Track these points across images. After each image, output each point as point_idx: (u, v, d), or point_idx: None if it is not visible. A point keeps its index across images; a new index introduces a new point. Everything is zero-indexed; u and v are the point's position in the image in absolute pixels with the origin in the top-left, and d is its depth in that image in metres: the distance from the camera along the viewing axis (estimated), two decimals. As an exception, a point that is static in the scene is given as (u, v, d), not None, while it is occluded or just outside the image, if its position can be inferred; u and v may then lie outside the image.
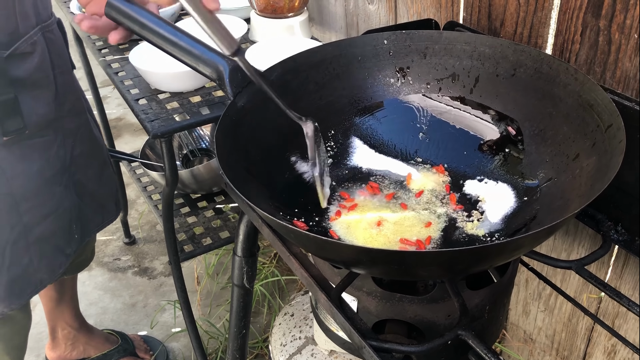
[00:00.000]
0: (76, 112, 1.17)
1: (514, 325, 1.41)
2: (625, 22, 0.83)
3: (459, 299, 0.76)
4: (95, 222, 1.29)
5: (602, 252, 0.82)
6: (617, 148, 0.73)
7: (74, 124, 1.16)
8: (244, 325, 1.18)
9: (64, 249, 1.19)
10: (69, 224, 1.18)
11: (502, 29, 1.05)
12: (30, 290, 1.16)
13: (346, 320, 0.73)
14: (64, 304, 1.62)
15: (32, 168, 1.08)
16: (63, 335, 1.67)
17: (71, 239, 1.20)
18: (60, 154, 1.13)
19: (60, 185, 1.14)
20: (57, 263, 1.19)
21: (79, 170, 1.19)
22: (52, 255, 1.16)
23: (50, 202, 1.12)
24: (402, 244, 0.81)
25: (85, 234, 1.26)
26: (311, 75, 1.00)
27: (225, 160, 0.78)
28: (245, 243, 1.07)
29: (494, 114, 0.97)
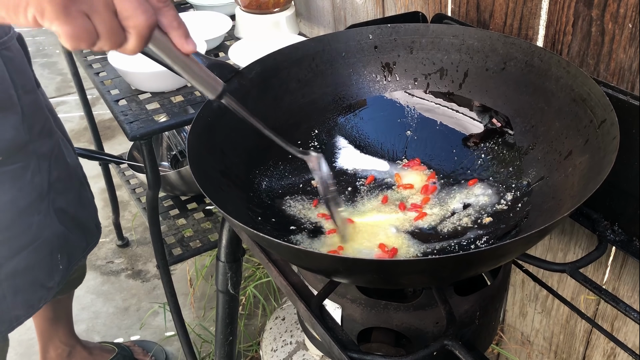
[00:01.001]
0: (47, 133, 1.08)
1: (511, 327, 1.37)
2: (619, 11, 0.79)
3: (445, 306, 0.73)
4: (80, 248, 1.21)
5: (597, 254, 0.77)
6: (610, 145, 0.69)
7: (47, 146, 1.07)
8: (230, 332, 1.15)
9: (44, 282, 1.10)
10: (50, 256, 1.10)
11: (492, 20, 1.01)
12: (4, 327, 1.07)
13: (326, 331, 0.69)
14: (60, 324, 1.57)
15: (3, 199, 0.99)
16: (57, 354, 1.61)
17: (54, 271, 1.12)
18: (36, 181, 1.04)
19: (38, 214, 1.05)
20: (36, 298, 1.10)
21: (58, 196, 1.11)
22: (29, 290, 1.08)
23: (26, 234, 1.04)
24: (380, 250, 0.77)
25: (71, 262, 1.17)
26: (293, 73, 0.96)
27: (197, 164, 0.74)
28: (229, 248, 1.03)
29: (483, 109, 0.93)
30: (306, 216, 0.86)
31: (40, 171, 1.05)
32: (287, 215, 0.85)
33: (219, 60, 0.88)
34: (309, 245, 0.79)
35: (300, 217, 0.85)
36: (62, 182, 1.11)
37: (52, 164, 1.08)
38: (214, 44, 1.36)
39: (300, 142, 0.95)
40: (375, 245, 0.78)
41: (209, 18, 1.44)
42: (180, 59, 0.64)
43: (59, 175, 1.10)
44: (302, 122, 0.97)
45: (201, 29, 1.40)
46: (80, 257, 1.21)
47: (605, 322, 1.08)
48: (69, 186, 1.14)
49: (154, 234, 1.33)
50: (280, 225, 0.83)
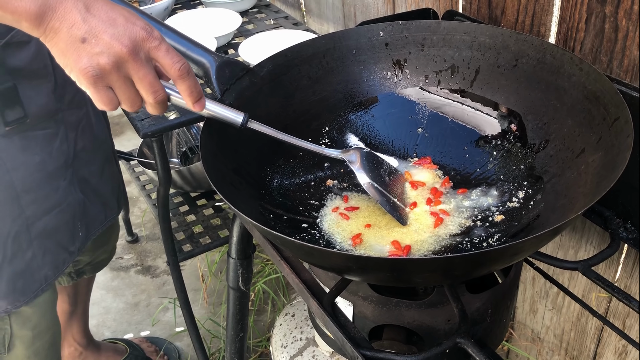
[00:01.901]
0: (77, 105, 1.14)
1: (521, 324, 1.37)
2: (633, 8, 0.78)
3: (458, 304, 0.73)
4: (99, 220, 1.27)
5: (610, 251, 0.77)
6: (624, 143, 0.68)
7: (75, 116, 1.14)
8: (241, 328, 1.15)
9: (67, 245, 1.16)
10: (73, 221, 1.16)
11: (503, 17, 1.00)
12: (35, 287, 1.13)
13: (338, 328, 0.69)
14: (75, 318, 1.58)
15: (34, 160, 1.06)
16: (69, 353, 1.63)
17: (75, 236, 1.18)
18: (64, 149, 1.10)
19: (64, 180, 1.11)
20: (61, 259, 1.16)
21: (82, 166, 1.17)
22: (55, 251, 1.14)
23: (54, 197, 1.10)
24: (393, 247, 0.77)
25: (89, 231, 1.23)
26: (304, 70, 0.96)
27: (210, 161, 0.74)
28: (240, 245, 1.03)
29: (495, 107, 0.92)
30: (318, 213, 0.86)
31: (67, 140, 1.11)
32: (299, 212, 0.86)
33: (230, 59, 0.88)
34: (320, 242, 0.79)
35: (313, 214, 0.86)
36: (86, 153, 1.17)
37: (78, 135, 1.14)
38: (223, 40, 1.36)
39: (311, 139, 0.95)
40: (389, 242, 0.78)
41: (219, 15, 1.44)
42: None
43: (84, 146, 1.15)
44: (313, 120, 0.97)
45: (211, 26, 1.41)
46: (99, 228, 1.26)
47: (617, 320, 1.08)
48: (92, 158, 1.19)
49: (164, 231, 1.34)
50: (291, 223, 0.83)
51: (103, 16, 0.65)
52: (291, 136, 0.82)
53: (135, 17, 0.67)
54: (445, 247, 0.78)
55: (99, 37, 0.65)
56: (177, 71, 0.69)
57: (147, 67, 0.67)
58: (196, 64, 0.86)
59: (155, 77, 0.69)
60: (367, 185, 0.83)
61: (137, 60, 0.66)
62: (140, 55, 0.66)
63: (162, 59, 0.68)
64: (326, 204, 0.87)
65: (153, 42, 0.67)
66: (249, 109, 0.88)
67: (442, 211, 0.84)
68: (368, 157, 0.86)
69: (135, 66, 0.66)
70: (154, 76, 0.68)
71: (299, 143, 0.83)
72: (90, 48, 0.64)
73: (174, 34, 0.86)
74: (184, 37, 0.87)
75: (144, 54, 0.67)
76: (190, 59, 0.86)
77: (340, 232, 0.81)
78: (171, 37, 0.86)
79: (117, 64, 0.65)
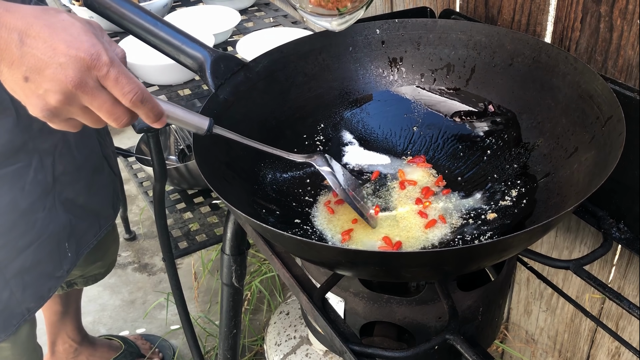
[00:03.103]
0: (49, 131, 1.02)
1: (516, 325, 1.36)
2: (628, 7, 0.78)
3: (448, 301, 0.73)
4: (92, 233, 1.18)
5: (602, 251, 0.77)
6: (616, 141, 0.68)
7: (49, 143, 1.03)
8: (234, 325, 1.15)
9: (53, 272, 1.09)
10: (58, 247, 1.08)
11: (500, 16, 1.01)
12: (15, 320, 1.07)
13: (328, 323, 0.69)
14: (68, 317, 1.57)
15: (2, 202, 0.97)
16: (64, 349, 1.62)
17: (63, 260, 1.10)
18: (40, 178, 1.01)
19: (43, 210, 1.03)
20: (45, 289, 1.09)
21: (65, 188, 1.08)
22: (38, 283, 1.07)
23: (30, 233, 1.02)
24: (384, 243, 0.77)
25: (81, 248, 1.15)
26: (299, 67, 0.96)
27: (202, 156, 0.74)
28: (234, 241, 1.03)
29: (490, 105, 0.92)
30: (311, 209, 0.86)
31: (44, 167, 1.02)
32: (292, 208, 0.86)
33: (226, 53, 0.88)
34: (312, 237, 0.79)
35: (305, 210, 0.85)
36: (69, 175, 1.08)
37: (56, 159, 1.05)
38: (221, 38, 1.37)
39: (305, 135, 0.95)
40: (379, 238, 0.78)
41: (218, 12, 1.44)
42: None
43: (64, 168, 1.07)
44: (308, 116, 0.97)
45: (209, 23, 1.41)
46: (93, 241, 1.19)
47: (610, 321, 1.07)
48: (77, 177, 1.11)
49: (160, 227, 1.34)
50: (284, 218, 0.83)
51: (41, 47, 0.58)
52: (256, 142, 0.78)
53: (80, 39, 0.60)
54: (436, 244, 0.78)
55: (41, 74, 0.58)
56: (129, 102, 0.63)
57: (100, 95, 0.61)
58: (191, 58, 0.86)
59: (113, 104, 0.63)
60: (339, 190, 0.81)
61: (86, 91, 0.60)
62: (90, 84, 0.60)
63: (113, 89, 0.62)
64: (318, 200, 0.87)
65: (101, 70, 0.60)
66: (243, 104, 0.89)
67: (431, 209, 0.83)
68: (332, 162, 0.83)
69: (88, 98, 0.61)
70: (111, 103, 0.62)
71: (264, 149, 0.79)
72: (35, 87, 0.59)
73: (170, 28, 0.86)
74: (179, 31, 0.87)
75: (93, 82, 0.61)
76: (185, 53, 0.86)
77: (332, 227, 0.81)
78: (166, 31, 0.86)
79: (67, 100, 0.60)
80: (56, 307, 1.52)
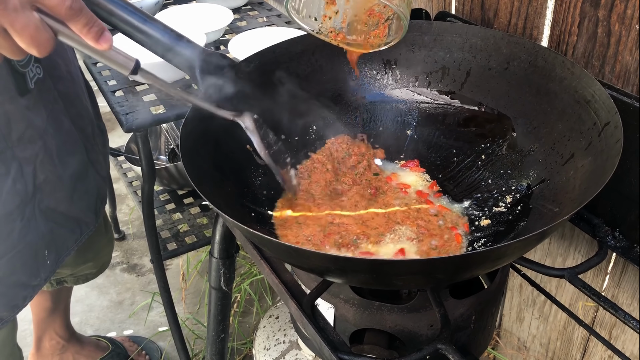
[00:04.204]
0: (29, 140, 0.97)
1: (508, 332, 1.35)
2: (626, 12, 0.77)
3: (440, 309, 0.71)
4: (72, 240, 1.13)
5: (597, 259, 0.76)
6: (613, 148, 0.67)
7: (30, 151, 0.97)
8: (222, 329, 1.13)
9: (28, 281, 1.04)
10: (34, 256, 1.03)
11: (496, 19, 0.99)
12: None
13: (317, 331, 0.67)
14: (57, 314, 1.54)
15: None
16: (51, 345, 1.59)
17: (40, 269, 1.05)
18: (18, 188, 0.96)
19: (21, 220, 0.98)
20: (20, 298, 1.05)
21: (46, 197, 1.02)
22: (11, 292, 1.03)
23: (4, 243, 0.97)
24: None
25: (61, 255, 1.11)
26: (292, 67, 0.94)
27: (190, 157, 0.72)
28: (222, 244, 1.01)
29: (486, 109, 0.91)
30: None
31: (23, 176, 0.96)
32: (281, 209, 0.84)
33: (216, 53, 0.86)
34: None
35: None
36: (50, 184, 1.03)
37: (37, 168, 0.99)
38: (214, 37, 1.35)
39: (297, 137, 0.94)
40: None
41: (210, 11, 1.42)
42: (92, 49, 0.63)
43: (46, 177, 1.01)
44: (301, 117, 0.95)
45: (201, 21, 1.39)
46: (73, 247, 1.14)
47: (603, 330, 1.06)
48: (58, 186, 1.05)
49: (148, 228, 1.32)
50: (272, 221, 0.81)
51: None
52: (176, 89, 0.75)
53: None
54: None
55: None
56: (67, 9, 0.57)
57: (23, 16, 0.55)
58: (180, 57, 0.84)
59: (38, 28, 0.56)
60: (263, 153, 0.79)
61: (7, 10, 0.54)
62: (12, 2, 0.54)
63: (45, 2, 0.56)
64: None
65: None
66: (233, 104, 0.86)
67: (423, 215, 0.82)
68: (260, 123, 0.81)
69: (9, 18, 0.54)
70: (35, 27, 0.56)
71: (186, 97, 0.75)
72: None
73: (158, 26, 0.84)
74: (168, 30, 0.84)
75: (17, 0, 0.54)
76: (174, 51, 0.83)
77: (322, 232, 0.79)
78: (156, 29, 0.84)
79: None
80: (45, 303, 1.49)
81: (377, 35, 0.82)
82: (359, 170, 0.90)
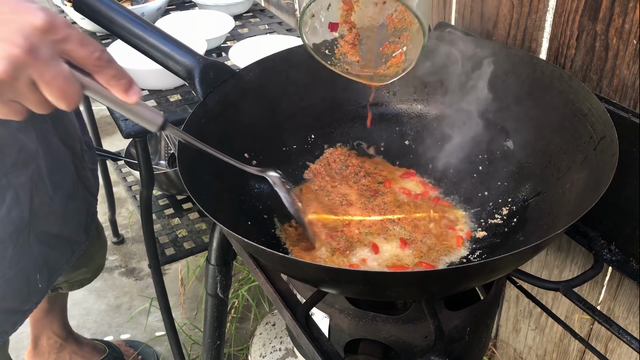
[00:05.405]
0: (23, 164, 0.94)
1: (504, 343, 1.35)
2: (624, 27, 0.77)
3: (434, 320, 0.71)
4: (64, 260, 1.10)
5: (592, 273, 0.76)
6: (609, 162, 0.67)
7: (25, 175, 0.94)
8: (218, 336, 1.13)
9: (19, 307, 1.02)
10: (27, 282, 1.00)
11: (495, 31, 0.99)
12: None
13: (310, 342, 0.67)
14: (54, 314, 1.54)
15: None
16: (48, 344, 1.59)
17: (31, 294, 1.03)
18: (13, 216, 0.93)
19: (14, 247, 0.95)
20: (10, 324, 1.03)
21: (40, 220, 0.99)
22: (1, 318, 1.01)
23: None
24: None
25: (53, 276, 1.08)
26: (291, 76, 0.95)
27: (187, 165, 0.73)
28: (219, 251, 1.01)
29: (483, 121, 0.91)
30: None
31: (19, 203, 0.93)
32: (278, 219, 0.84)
33: (216, 61, 0.87)
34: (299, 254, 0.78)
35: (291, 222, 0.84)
36: (44, 207, 1.00)
37: (33, 192, 0.96)
38: (215, 43, 1.35)
39: (295, 147, 0.94)
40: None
41: (212, 17, 1.43)
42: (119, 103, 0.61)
43: (41, 201, 0.98)
44: (299, 127, 0.95)
45: (203, 28, 1.39)
46: (65, 267, 1.11)
47: (599, 343, 1.06)
48: (52, 208, 1.02)
49: (146, 233, 1.32)
50: (270, 231, 0.81)
51: None
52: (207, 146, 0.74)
53: (28, 4, 0.52)
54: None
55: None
56: (95, 60, 0.55)
57: (53, 68, 0.53)
58: (180, 65, 0.84)
59: (67, 80, 0.54)
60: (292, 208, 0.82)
61: (38, 60, 0.52)
62: (43, 52, 0.52)
63: (74, 53, 0.54)
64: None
65: (57, 34, 0.52)
66: (232, 113, 0.87)
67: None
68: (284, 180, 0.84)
69: (38, 69, 0.52)
70: (64, 79, 0.54)
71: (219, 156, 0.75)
72: None
73: (160, 34, 0.84)
74: (168, 38, 0.85)
75: (47, 50, 0.52)
76: (174, 59, 0.84)
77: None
78: (156, 37, 0.84)
79: (14, 72, 0.51)
80: (42, 304, 1.49)
81: (393, 64, 0.82)
82: (357, 179, 0.90)
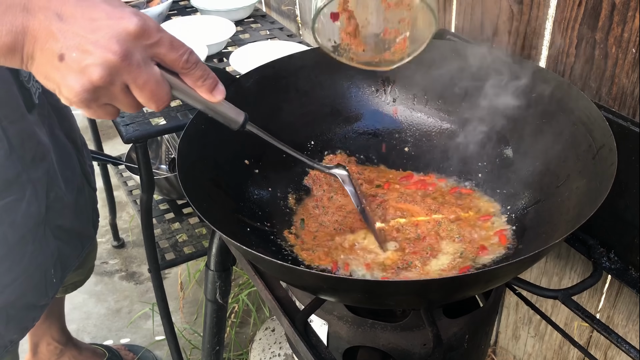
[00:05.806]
0: (40, 158, 0.96)
1: (503, 350, 1.35)
2: (623, 36, 0.77)
3: (433, 328, 0.71)
4: (75, 255, 1.12)
5: (591, 281, 0.76)
6: (607, 171, 0.67)
7: (42, 170, 0.96)
8: (217, 341, 1.13)
9: (37, 302, 1.04)
10: (44, 277, 1.02)
11: (495, 38, 1.00)
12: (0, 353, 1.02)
13: (309, 349, 0.67)
14: (52, 320, 1.54)
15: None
16: (48, 350, 1.59)
17: (48, 288, 1.04)
18: (32, 210, 0.95)
19: (33, 242, 0.97)
20: (30, 319, 1.05)
21: (55, 215, 1.01)
22: (22, 315, 1.02)
23: (17, 267, 0.96)
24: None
25: (65, 271, 1.10)
26: (291, 82, 0.95)
27: (186, 171, 0.73)
28: (219, 257, 1.01)
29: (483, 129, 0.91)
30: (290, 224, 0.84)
31: (37, 198, 0.95)
32: (277, 227, 0.84)
33: (216, 67, 0.87)
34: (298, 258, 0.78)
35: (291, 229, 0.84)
36: (59, 201, 1.02)
37: (49, 186, 0.98)
38: (216, 49, 1.35)
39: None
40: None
41: (213, 23, 1.43)
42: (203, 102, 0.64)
43: (56, 194, 1.00)
44: (299, 133, 0.95)
45: (204, 33, 1.40)
46: (76, 262, 1.14)
47: (598, 351, 1.06)
48: (65, 202, 1.04)
49: (146, 238, 1.32)
50: (269, 237, 0.81)
51: (80, 21, 0.52)
52: (285, 145, 0.78)
53: (121, 9, 0.54)
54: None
55: (81, 49, 0.52)
56: (184, 62, 0.57)
57: (146, 72, 0.55)
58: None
59: (158, 83, 0.56)
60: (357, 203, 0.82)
61: (132, 65, 0.54)
62: (136, 57, 0.54)
63: (165, 57, 0.56)
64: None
65: (150, 38, 0.54)
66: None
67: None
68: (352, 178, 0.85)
69: (132, 74, 0.54)
70: (155, 82, 0.56)
71: (291, 152, 0.79)
72: (74, 64, 0.53)
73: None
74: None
75: (140, 55, 0.54)
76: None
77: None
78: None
79: (110, 77, 0.53)
80: None
81: (398, 50, 0.82)
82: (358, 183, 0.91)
